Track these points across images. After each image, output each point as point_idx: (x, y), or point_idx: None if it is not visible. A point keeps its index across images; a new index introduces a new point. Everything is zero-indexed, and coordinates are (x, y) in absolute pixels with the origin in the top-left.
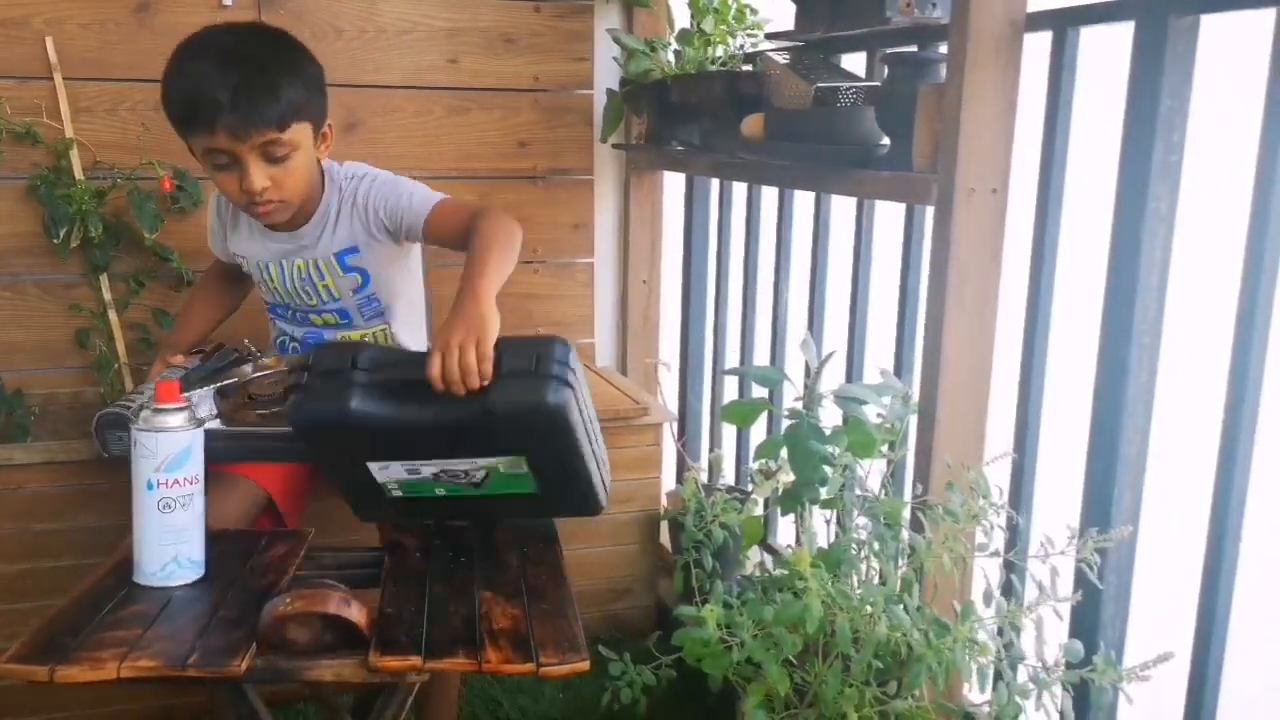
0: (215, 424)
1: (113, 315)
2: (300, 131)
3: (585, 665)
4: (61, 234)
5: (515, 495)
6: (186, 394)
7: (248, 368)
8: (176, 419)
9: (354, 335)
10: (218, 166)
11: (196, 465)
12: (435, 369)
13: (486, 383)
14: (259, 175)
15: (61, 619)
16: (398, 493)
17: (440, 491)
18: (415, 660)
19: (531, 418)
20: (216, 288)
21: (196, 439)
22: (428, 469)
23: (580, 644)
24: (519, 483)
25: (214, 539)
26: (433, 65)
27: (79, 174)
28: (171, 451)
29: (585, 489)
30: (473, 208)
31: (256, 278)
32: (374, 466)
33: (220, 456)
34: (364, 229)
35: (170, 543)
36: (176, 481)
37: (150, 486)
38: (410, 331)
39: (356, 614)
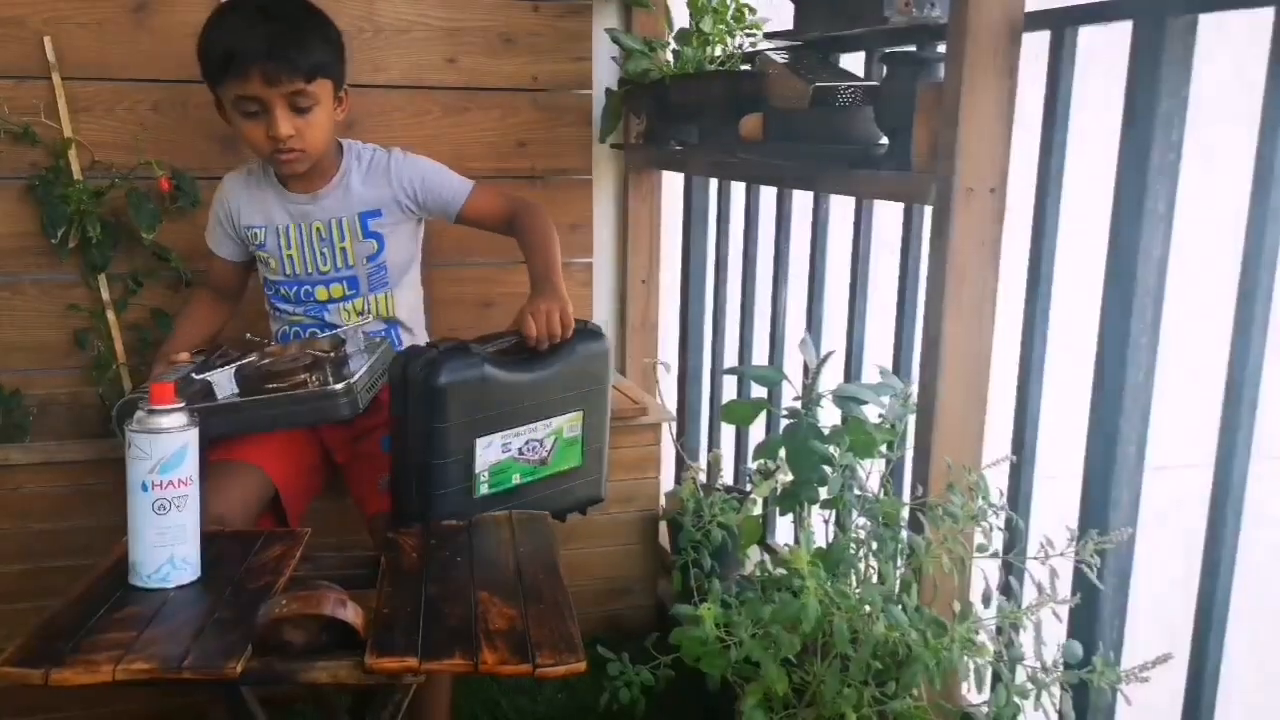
0: (236, 398)
1: (111, 315)
2: (323, 87)
3: (582, 666)
4: (59, 234)
5: (566, 472)
6: (205, 375)
7: (255, 354)
8: (171, 420)
9: (358, 304)
10: (246, 114)
11: (191, 466)
12: (532, 328)
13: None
14: (285, 122)
15: (57, 621)
16: (485, 489)
17: (516, 479)
18: (412, 661)
19: (595, 360)
20: (210, 303)
21: (191, 440)
22: (517, 441)
23: (577, 644)
24: (572, 454)
25: (209, 540)
26: (431, 65)
27: (77, 174)
28: (166, 453)
29: (600, 470)
30: (511, 196)
31: (270, 249)
32: (480, 444)
33: (243, 425)
34: (391, 196)
35: (166, 544)
36: (171, 483)
37: (145, 488)
38: (409, 312)
39: (353, 615)
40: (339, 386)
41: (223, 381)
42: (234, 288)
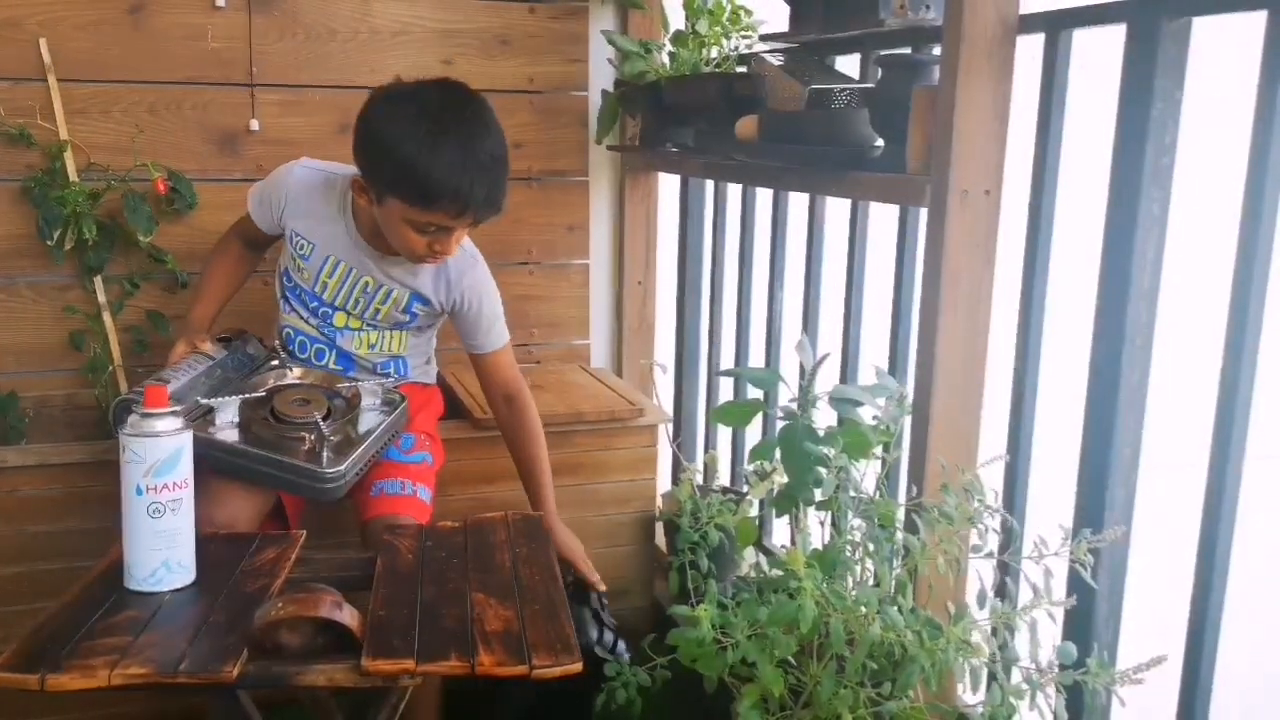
0: (233, 434)
1: (107, 317)
2: None
3: (578, 667)
4: (55, 236)
5: None
6: (213, 400)
7: (271, 376)
8: (165, 424)
9: (370, 337)
10: (419, 229)
11: (186, 469)
12: (597, 577)
13: None
14: (457, 245)
15: (52, 625)
16: None
17: None
18: (408, 663)
19: None
20: (238, 253)
21: (185, 443)
22: None
23: (573, 645)
24: None
25: (204, 543)
26: (427, 66)
27: (73, 176)
28: (161, 456)
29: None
30: (519, 378)
31: (310, 264)
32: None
33: (228, 469)
34: (443, 295)
35: (160, 547)
36: (166, 486)
37: (140, 492)
38: (417, 353)
39: (349, 618)
40: (330, 472)
41: (226, 413)
42: (263, 243)
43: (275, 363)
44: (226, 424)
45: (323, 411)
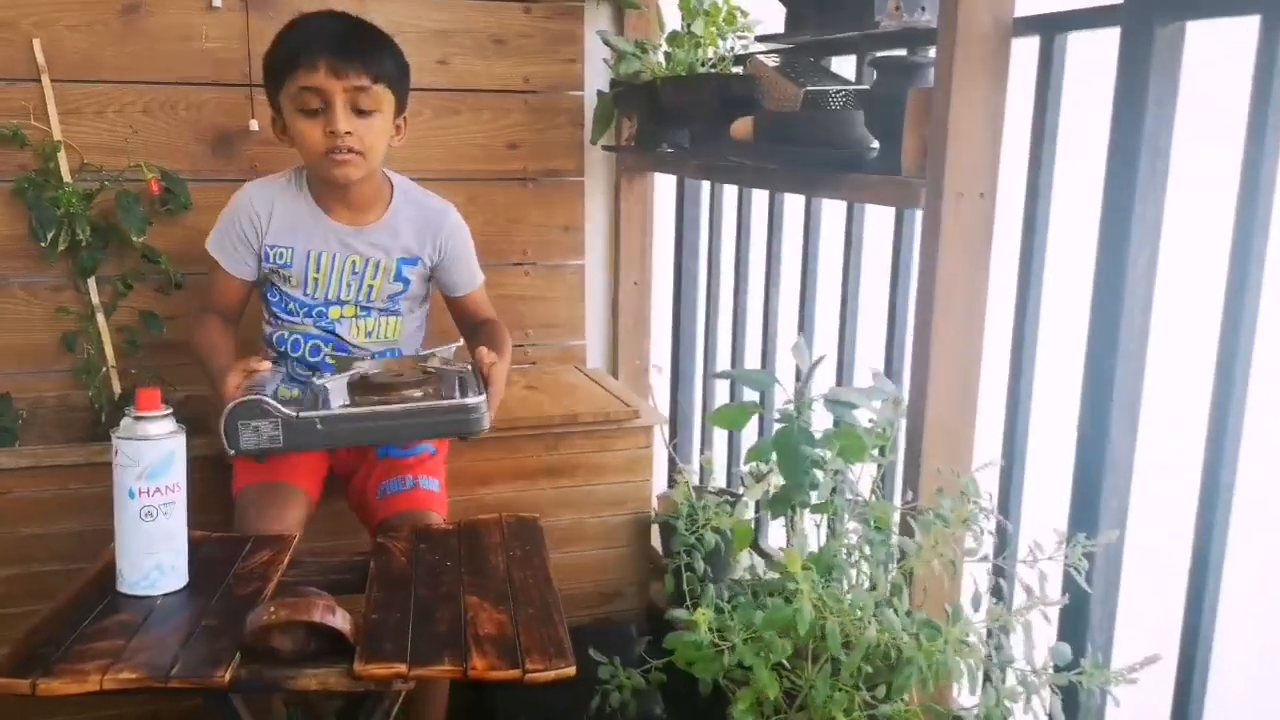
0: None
1: (100, 318)
2: (385, 96)
3: (571, 670)
4: (49, 236)
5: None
6: (321, 382)
7: (365, 365)
8: (158, 427)
9: (367, 324)
10: (306, 111)
11: (179, 472)
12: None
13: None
14: (346, 118)
15: (44, 629)
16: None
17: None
18: (400, 668)
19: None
20: (222, 330)
21: (178, 446)
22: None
23: (566, 649)
24: None
25: (197, 546)
26: (422, 66)
27: (66, 176)
28: (153, 459)
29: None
30: (490, 306)
31: (295, 270)
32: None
33: (374, 436)
34: (428, 249)
35: (153, 551)
36: (159, 489)
37: (132, 495)
38: (408, 339)
39: (341, 622)
40: (472, 402)
41: (337, 391)
42: (240, 309)
43: (331, 365)
44: (341, 404)
45: (419, 374)
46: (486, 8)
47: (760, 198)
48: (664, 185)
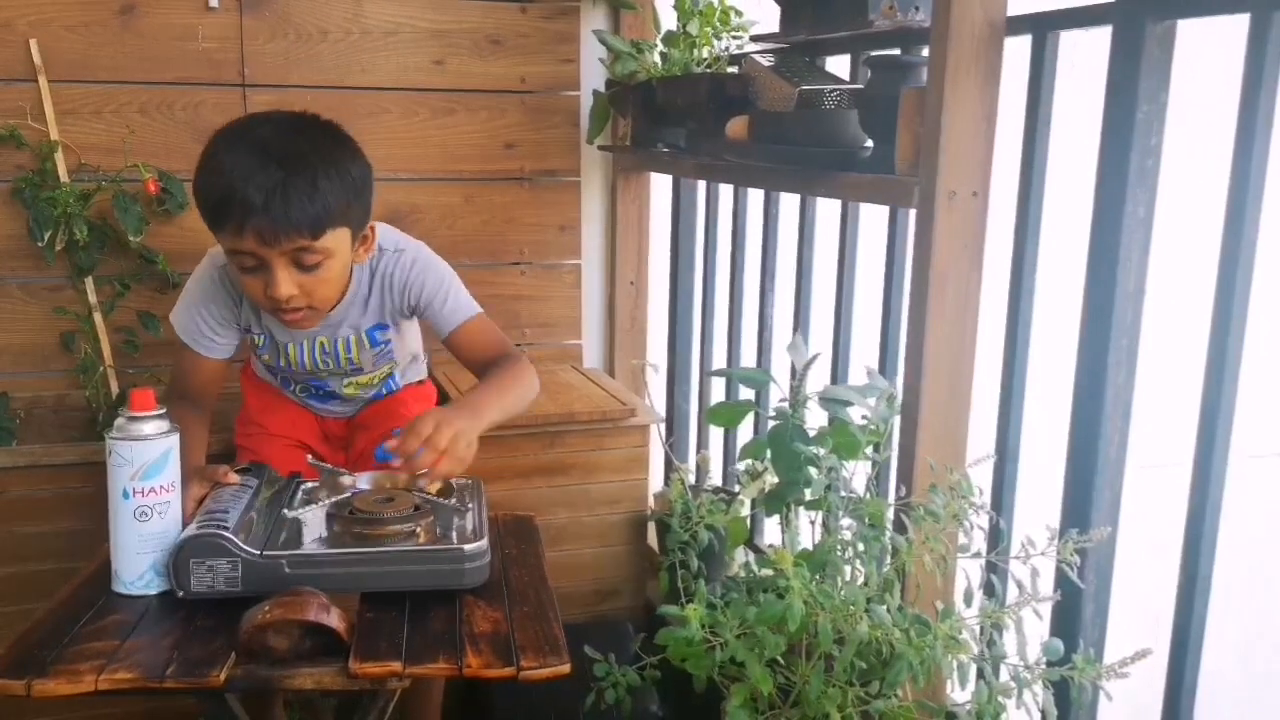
0: (337, 545)
1: (98, 318)
2: (336, 238)
3: (566, 668)
4: (46, 237)
5: None
6: (296, 513)
7: (321, 492)
8: (151, 426)
9: (361, 380)
10: (244, 268)
11: (173, 472)
12: (408, 445)
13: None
14: (287, 283)
15: (38, 630)
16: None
17: None
18: (395, 666)
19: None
20: (194, 422)
21: (173, 445)
22: None
23: (561, 647)
24: None
25: None
26: (419, 67)
27: (64, 176)
28: (147, 459)
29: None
30: (504, 343)
31: (266, 350)
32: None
33: (352, 584)
34: (394, 309)
35: (148, 551)
36: (153, 489)
37: (126, 495)
38: (406, 366)
39: (336, 621)
40: (471, 549)
41: (313, 528)
42: (217, 392)
43: (308, 485)
44: (314, 539)
45: (411, 505)
46: (483, 8)
47: (755, 197)
48: (660, 185)
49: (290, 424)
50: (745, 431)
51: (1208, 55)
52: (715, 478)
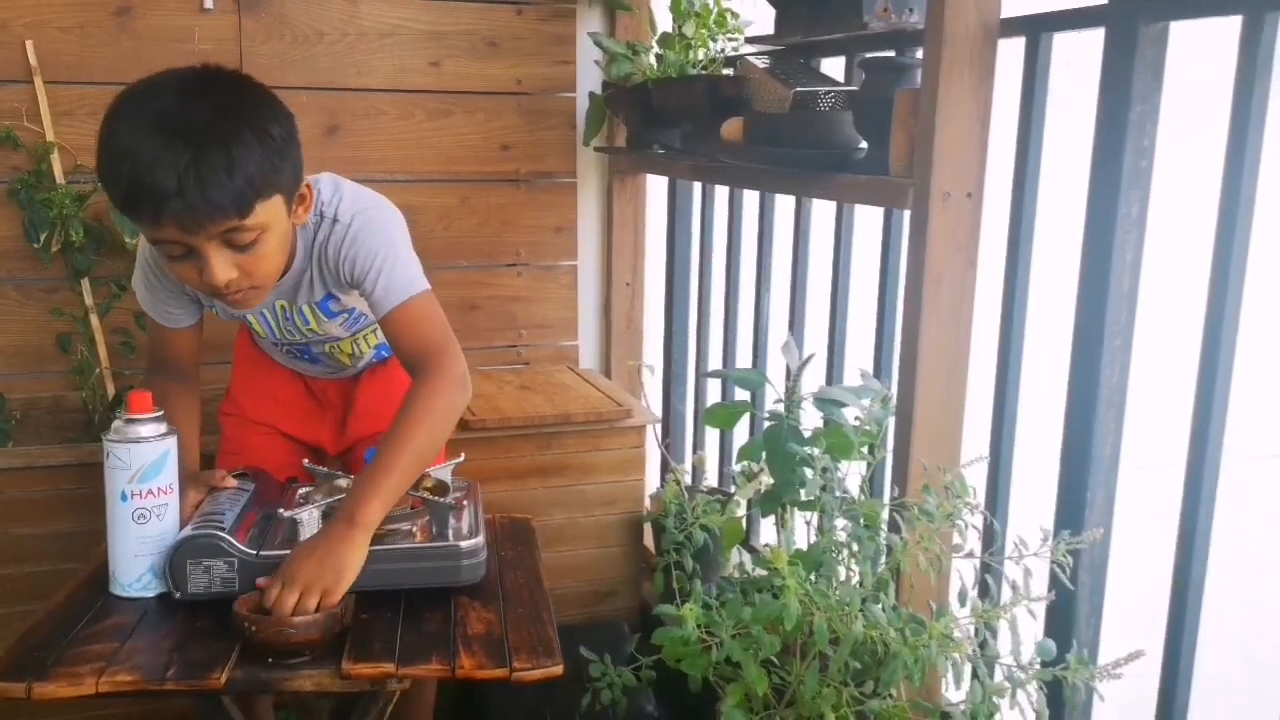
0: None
1: (94, 319)
2: (269, 209)
3: (559, 670)
4: (42, 238)
5: None
6: (291, 514)
7: (318, 494)
8: (149, 429)
9: (345, 346)
10: (172, 257)
11: (170, 475)
12: (270, 598)
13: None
14: (222, 267)
15: (38, 632)
16: None
17: None
18: (388, 667)
19: None
20: (180, 394)
21: (170, 448)
22: None
23: (555, 648)
24: None
25: None
26: (415, 68)
27: (60, 178)
28: (145, 462)
29: None
30: (429, 340)
31: (230, 319)
32: None
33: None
34: (332, 275)
35: (146, 553)
36: (151, 492)
37: (124, 498)
38: None
39: (317, 633)
40: (466, 546)
41: (308, 523)
42: (194, 358)
43: (305, 489)
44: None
45: (406, 504)
46: (479, 10)
47: (751, 198)
48: (656, 186)
49: (270, 396)
50: (741, 432)
51: (1200, 57)
52: (711, 478)
